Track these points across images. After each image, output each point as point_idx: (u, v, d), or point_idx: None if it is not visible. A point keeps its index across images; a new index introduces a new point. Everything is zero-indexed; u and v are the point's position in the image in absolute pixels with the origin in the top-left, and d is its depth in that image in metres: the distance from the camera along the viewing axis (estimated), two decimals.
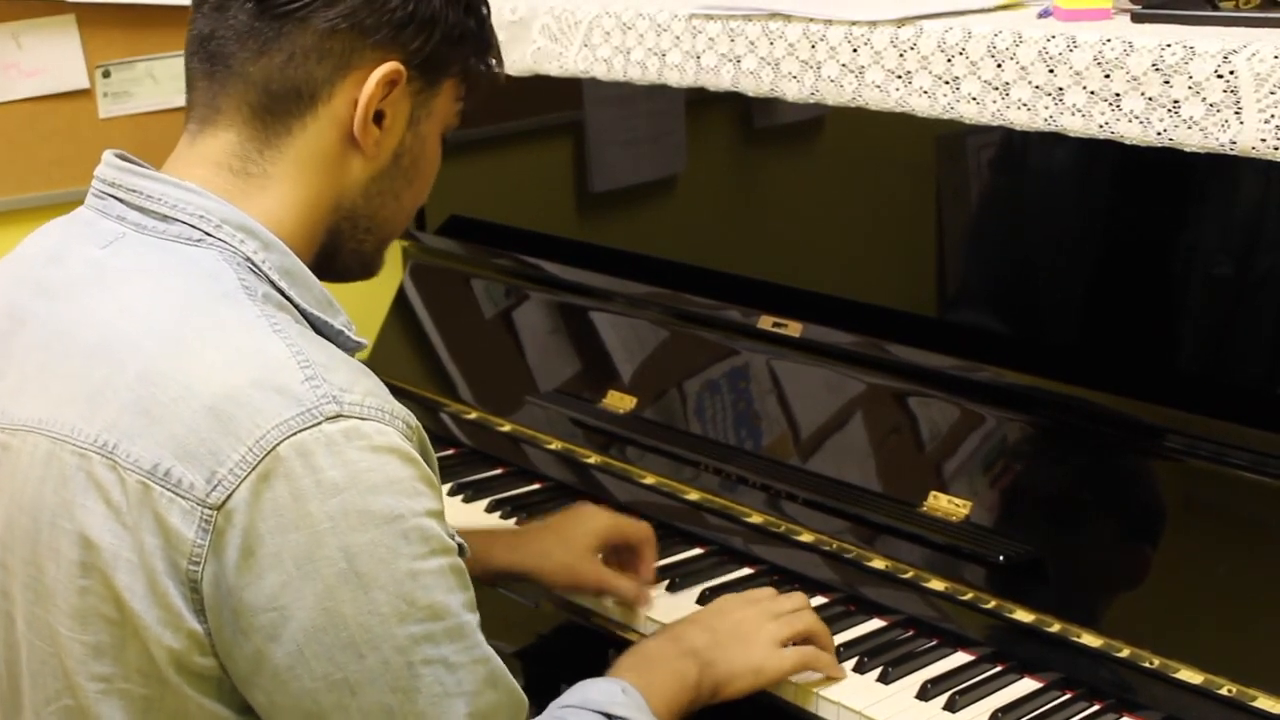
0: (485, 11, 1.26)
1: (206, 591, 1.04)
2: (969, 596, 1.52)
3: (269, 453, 1.03)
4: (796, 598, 1.51)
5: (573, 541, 1.61)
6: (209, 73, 1.18)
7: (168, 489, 1.04)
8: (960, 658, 1.48)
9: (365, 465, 1.05)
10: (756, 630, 1.44)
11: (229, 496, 1.03)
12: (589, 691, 1.28)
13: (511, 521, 1.82)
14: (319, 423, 1.04)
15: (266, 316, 1.10)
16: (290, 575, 1.03)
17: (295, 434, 1.03)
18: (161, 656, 1.06)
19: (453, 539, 1.12)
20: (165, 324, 1.09)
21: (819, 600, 1.60)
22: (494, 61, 1.29)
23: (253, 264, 1.14)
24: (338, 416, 1.05)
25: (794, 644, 1.45)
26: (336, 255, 1.24)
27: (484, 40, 1.26)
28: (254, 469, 1.02)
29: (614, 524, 1.64)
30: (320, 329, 1.16)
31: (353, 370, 1.10)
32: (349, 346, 1.17)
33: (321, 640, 1.04)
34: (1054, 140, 1.45)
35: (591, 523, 1.63)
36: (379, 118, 1.19)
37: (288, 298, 1.15)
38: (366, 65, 1.17)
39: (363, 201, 1.22)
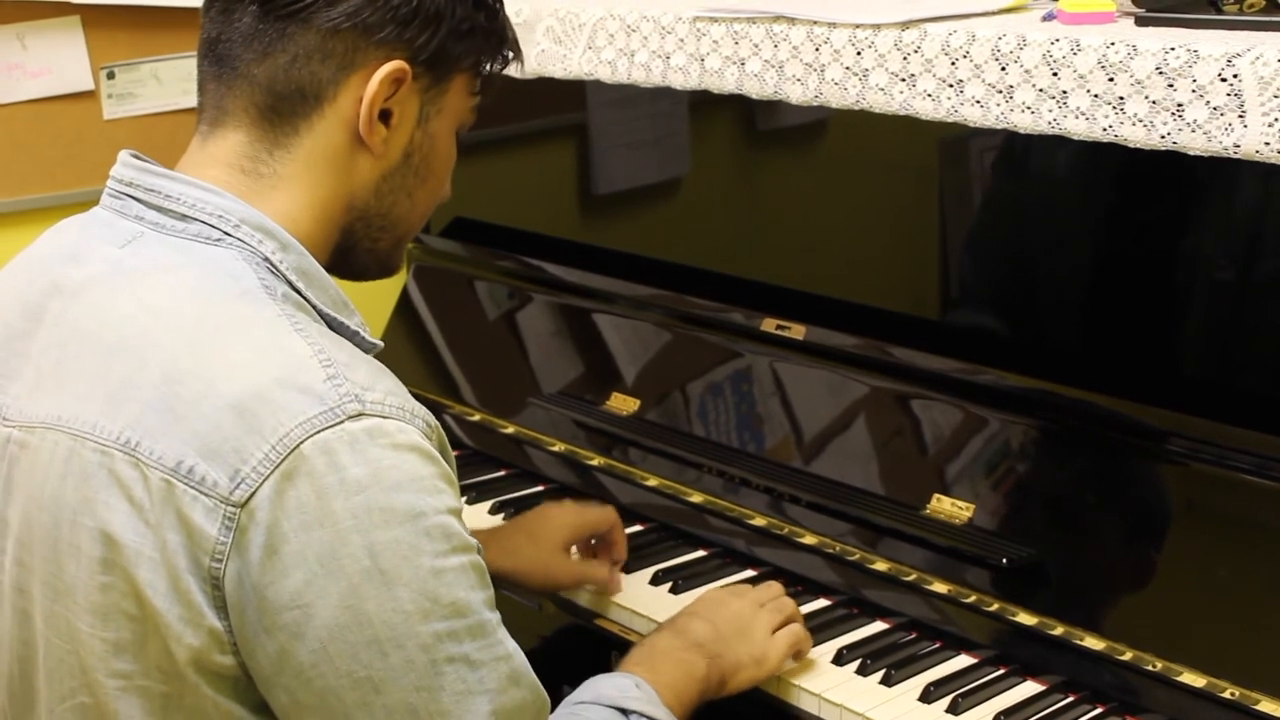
0: (496, 5, 1.25)
1: (229, 589, 1.04)
2: (972, 599, 1.52)
3: (292, 451, 1.03)
4: (773, 586, 1.53)
5: (542, 539, 1.63)
6: (217, 75, 1.19)
7: (191, 486, 1.04)
8: (963, 660, 1.48)
9: (388, 463, 1.05)
10: (753, 620, 1.45)
11: (252, 494, 1.03)
12: (601, 687, 1.28)
13: None
14: (341, 421, 1.04)
15: (287, 315, 1.10)
16: (314, 573, 1.03)
17: (318, 432, 1.04)
18: (181, 654, 1.06)
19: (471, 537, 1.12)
20: (187, 322, 1.09)
21: (822, 603, 1.60)
22: (510, 55, 1.28)
23: (271, 264, 1.14)
24: (360, 415, 1.05)
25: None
26: (352, 254, 1.24)
27: (495, 34, 1.25)
28: (277, 467, 1.03)
29: (580, 519, 1.66)
30: (336, 330, 1.16)
31: (373, 369, 1.11)
32: (364, 348, 1.17)
33: (346, 638, 1.04)
34: (1057, 143, 1.45)
35: (559, 519, 1.65)
36: (386, 116, 1.19)
37: (304, 298, 1.15)
38: (371, 64, 1.17)
39: (375, 201, 1.22)
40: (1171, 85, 1.33)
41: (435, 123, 1.23)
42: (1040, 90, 1.43)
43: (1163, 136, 1.34)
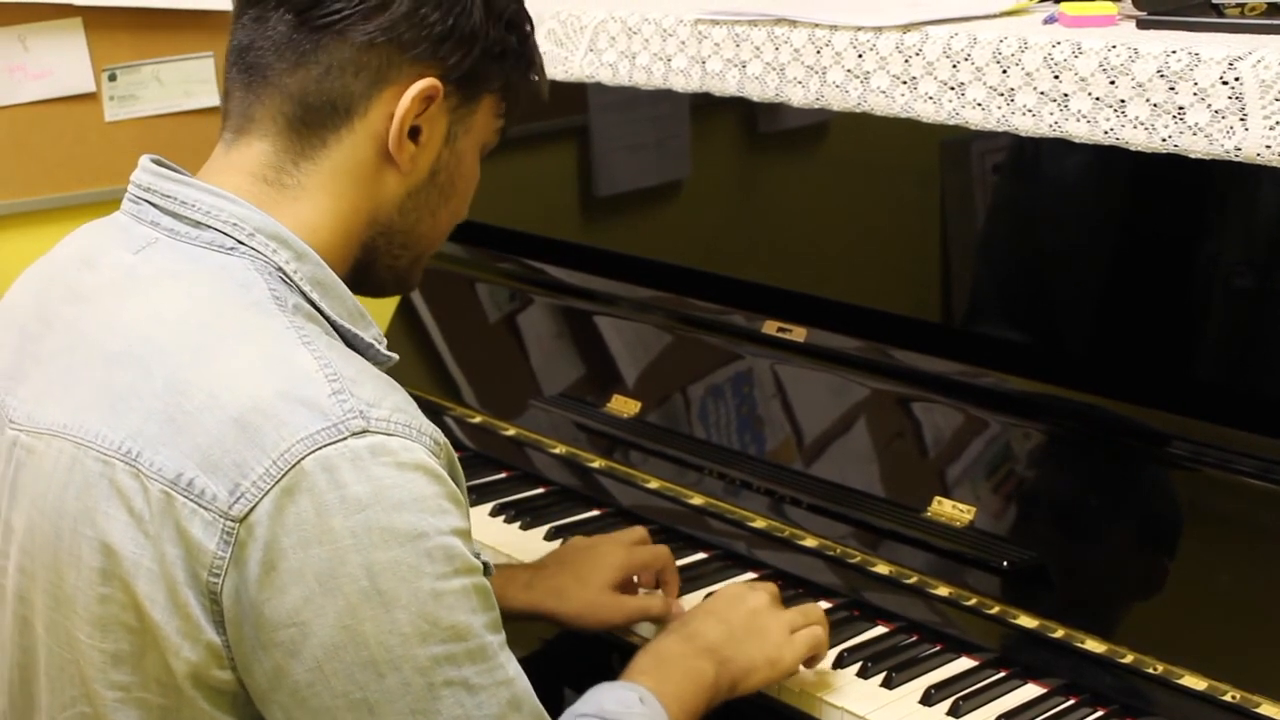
0: (528, 28, 1.25)
1: (226, 604, 1.04)
2: (973, 602, 1.51)
3: (293, 466, 1.02)
4: (812, 611, 1.48)
5: (590, 578, 1.55)
6: (246, 83, 1.18)
7: (190, 499, 1.03)
8: (964, 663, 1.48)
9: (390, 482, 1.04)
10: (772, 618, 1.41)
11: (252, 509, 1.02)
12: (605, 700, 1.26)
13: (515, 526, 1.82)
14: (345, 438, 1.03)
15: (295, 327, 1.09)
16: (312, 591, 1.02)
17: (320, 448, 1.02)
18: (179, 668, 1.05)
19: (478, 558, 1.10)
20: (193, 332, 1.09)
21: (823, 605, 1.59)
22: (536, 79, 1.28)
23: (284, 274, 1.13)
24: (364, 432, 1.04)
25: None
26: (371, 270, 1.23)
27: (525, 57, 1.25)
28: (278, 482, 1.02)
29: (630, 559, 1.58)
30: (350, 342, 1.16)
31: (381, 385, 1.09)
32: (379, 360, 1.17)
33: (341, 658, 1.03)
34: (1059, 146, 1.45)
35: (608, 558, 1.57)
36: (415, 133, 1.18)
37: (318, 309, 1.14)
38: (404, 80, 1.16)
39: (398, 217, 1.22)
40: (1173, 88, 1.33)
41: (462, 142, 1.22)
42: (1042, 93, 1.43)
43: (1164, 139, 1.34)
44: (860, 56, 1.58)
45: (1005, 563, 1.49)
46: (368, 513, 1.03)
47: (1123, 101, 1.37)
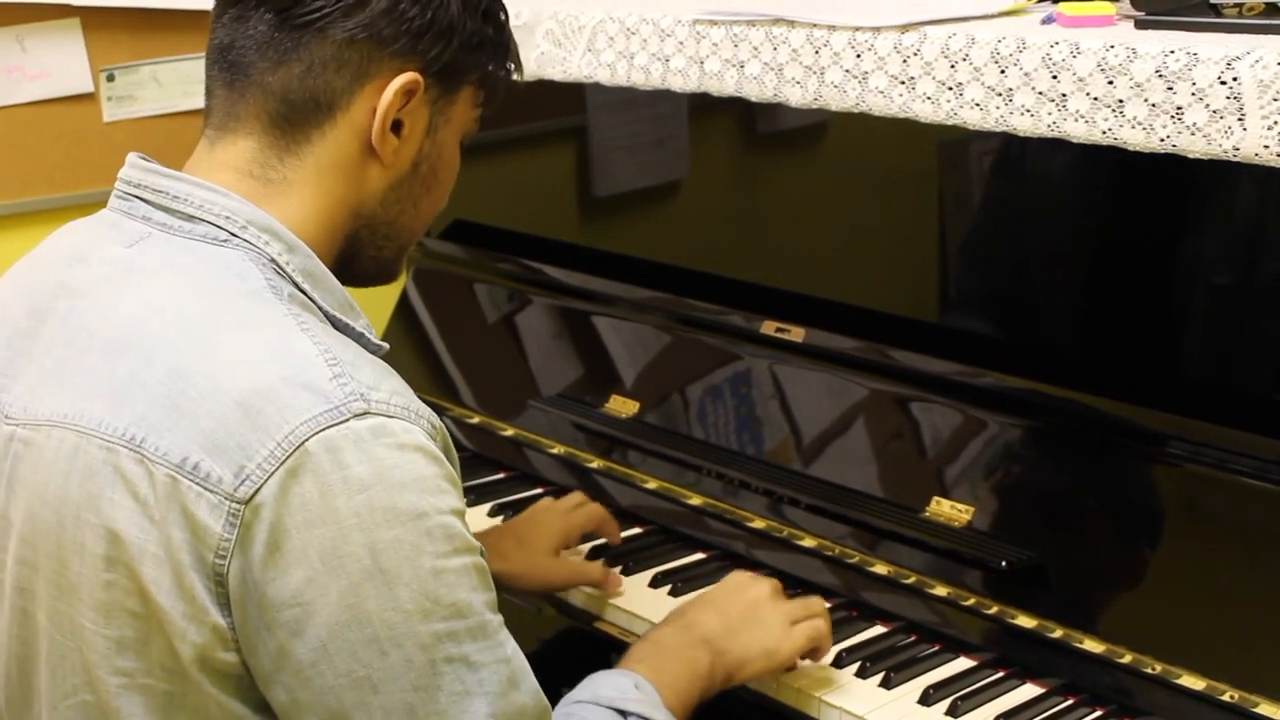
0: (504, 18, 1.27)
1: (232, 585, 1.05)
2: (971, 602, 1.52)
3: (297, 448, 1.03)
4: (813, 604, 1.50)
5: (531, 543, 1.64)
6: (229, 82, 1.20)
7: (196, 483, 1.04)
8: (962, 663, 1.48)
9: (391, 462, 1.05)
10: (771, 609, 1.44)
11: (257, 491, 1.03)
12: (600, 687, 1.27)
13: None
14: (347, 419, 1.05)
15: (293, 315, 1.11)
16: (316, 571, 1.04)
17: (323, 430, 1.04)
18: (185, 651, 1.06)
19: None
20: (193, 320, 1.10)
21: None
22: (512, 67, 1.30)
23: (277, 265, 1.15)
24: (365, 414, 1.06)
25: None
26: (355, 261, 1.25)
27: (502, 47, 1.27)
28: (282, 464, 1.03)
29: (566, 522, 1.68)
30: (342, 331, 1.17)
31: (378, 369, 1.12)
32: (370, 349, 1.18)
33: (345, 636, 1.05)
34: (1057, 146, 1.45)
35: (547, 524, 1.67)
36: (397, 126, 1.20)
37: (310, 299, 1.16)
38: (385, 74, 1.18)
39: (381, 210, 1.24)
40: (1171, 88, 1.33)
41: (443, 133, 1.24)
42: (1040, 93, 1.43)
43: (1162, 139, 1.35)
44: (858, 57, 1.58)
45: (1004, 563, 1.49)
46: (370, 493, 1.04)
47: (1121, 102, 1.37)
